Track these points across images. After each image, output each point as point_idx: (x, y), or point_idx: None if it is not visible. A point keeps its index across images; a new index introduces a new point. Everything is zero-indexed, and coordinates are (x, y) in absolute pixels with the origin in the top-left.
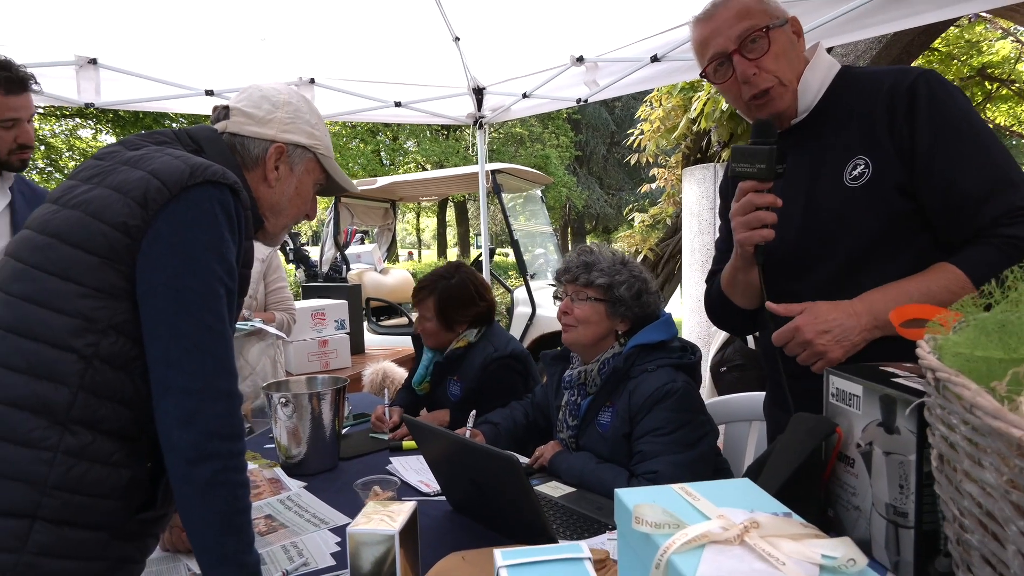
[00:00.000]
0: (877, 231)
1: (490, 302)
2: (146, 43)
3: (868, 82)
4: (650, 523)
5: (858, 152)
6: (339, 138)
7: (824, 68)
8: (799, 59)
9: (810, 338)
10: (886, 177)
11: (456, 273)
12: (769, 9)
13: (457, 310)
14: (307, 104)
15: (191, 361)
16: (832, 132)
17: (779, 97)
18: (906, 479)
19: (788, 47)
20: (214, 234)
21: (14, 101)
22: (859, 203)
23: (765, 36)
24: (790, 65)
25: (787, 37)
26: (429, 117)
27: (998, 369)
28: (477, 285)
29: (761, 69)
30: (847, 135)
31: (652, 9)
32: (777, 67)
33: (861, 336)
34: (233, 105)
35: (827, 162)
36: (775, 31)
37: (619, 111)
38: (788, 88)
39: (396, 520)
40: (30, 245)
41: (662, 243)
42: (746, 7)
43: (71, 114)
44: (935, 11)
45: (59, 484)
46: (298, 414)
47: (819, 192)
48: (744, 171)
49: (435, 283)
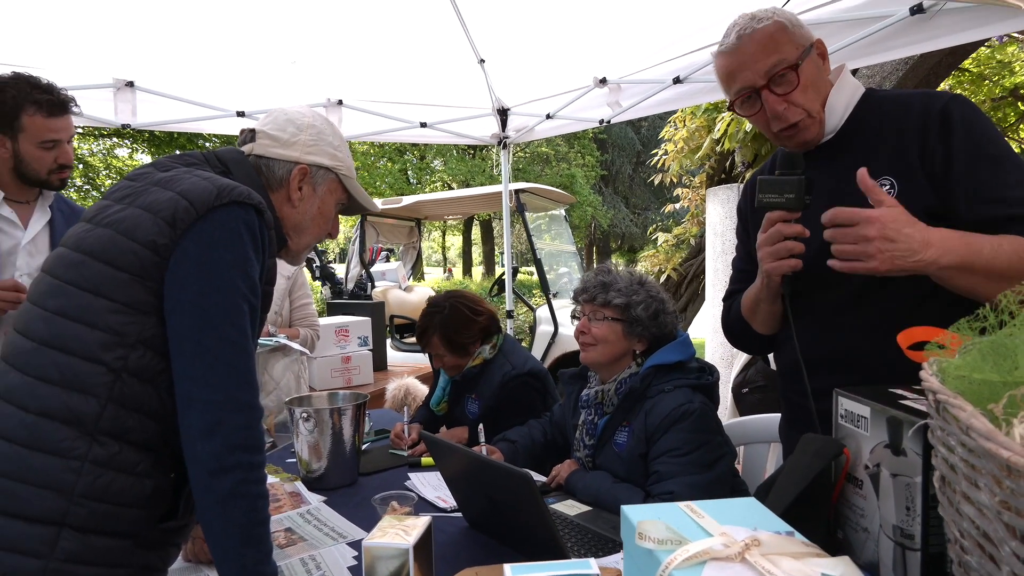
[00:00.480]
0: None
1: (488, 312)
2: (181, 66)
3: (893, 104)
4: (653, 539)
5: (884, 172)
6: (367, 157)
7: (849, 90)
8: (825, 84)
9: (874, 235)
10: (912, 197)
11: (446, 302)
12: (795, 37)
13: (461, 334)
14: (330, 127)
15: (214, 375)
16: (857, 153)
17: (807, 128)
18: (912, 501)
19: (815, 76)
20: (239, 253)
21: (55, 123)
22: None
23: (794, 71)
24: (818, 94)
25: (814, 65)
26: (454, 138)
27: (997, 392)
28: (469, 304)
29: (791, 103)
30: (872, 156)
31: (674, 31)
32: (806, 100)
33: (915, 264)
34: (259, 128)
35: (851, 181)
36: (803, 63)
37: (645, 130)
38: (816, 119)
39: (411, 534)
40: (65, 262)
41: (686, 263)
42: (772, 38)
43: (108, 134)
44: (959, 34)
45: (86, 493)
46: (319, 429)
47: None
48: (772, 201)
49: (431, 321)
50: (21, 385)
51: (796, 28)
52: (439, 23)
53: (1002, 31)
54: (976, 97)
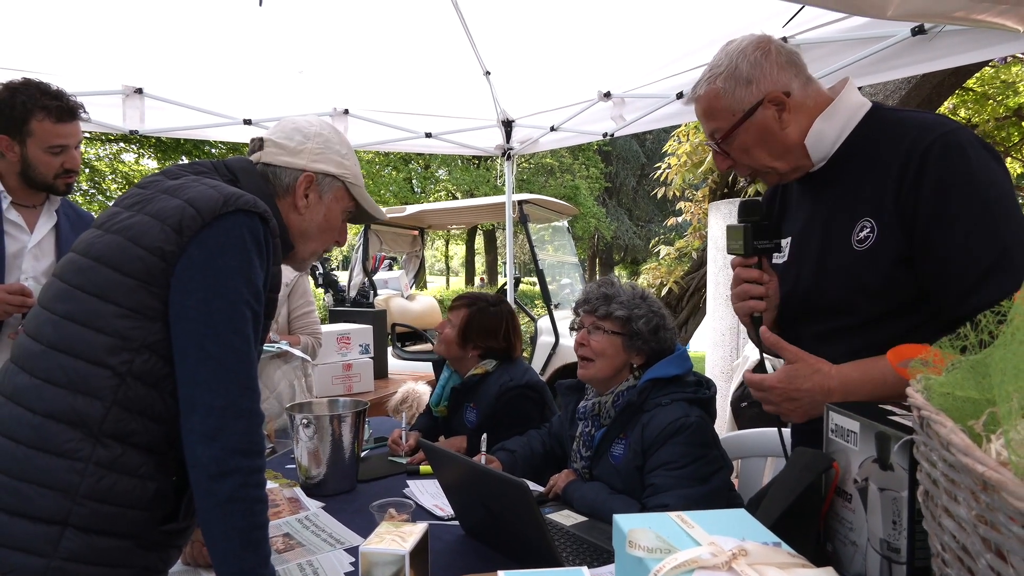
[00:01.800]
0: (882, 296)
1: (510, 345)
2: (189, 74)
3: (893, 130)
4: (644, 547)
5: (866, 213)
6: (372, 165)
7: (845, 114)
8: (782, 135)
9: (778, 400)
10: (888, 244)
11: (499, 305)
12: (732, 103)
13: (478, 334)
14: (337, 135)
15: (216, 380)
16: (848, 184)
17: (766, 177)
18: (899, 515)
19: (761, 134)
20: (243, 259)
21: (63, 129)
22: (865, 267)
23: (731, 135)
24: (769, 150)
25: (759, 123)
26: (459, 148)
27: (979, 409)
28: (510, 325)
29: (737, 162)
30: (859, 191)
31: (678, 48)
32: (751, 158)
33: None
34: (267, 137)
35: (837, 220)
36: (743, 126)
37: (650, 143)
38: (774, 169)
39: (407, 541)
40: (74, 267)
41: (687, 276)
42: (709, 108)
43: (115, 139)
44: (961, 55)
45: (89, 494)
46: (319, 435)
47: (830, 250)
48: (730, 247)
49: (476, 301)
50: (29, 387)
51: (739, 88)
52: (445, 35)
53: (1002, 53)
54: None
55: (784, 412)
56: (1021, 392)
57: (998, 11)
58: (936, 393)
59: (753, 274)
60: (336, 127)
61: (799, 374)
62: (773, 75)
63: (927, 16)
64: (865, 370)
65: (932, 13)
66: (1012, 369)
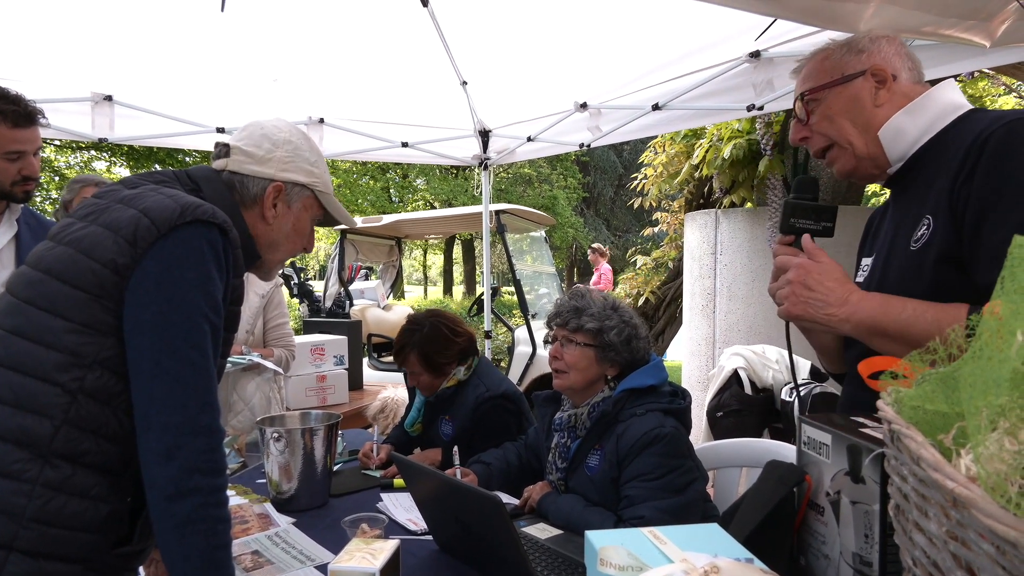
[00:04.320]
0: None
1: (467, 335)
2: (160, 81)
3: (972, 126)
4: (615, 565)
5: (926, 212)
6: (349, 174)
7: (933, 112)
8: (870, 113)
9: (792, 279)
10: (936, 242)
11: (426, 321)
12: (837, 65)
13: (440, 354)
14: (307, 141)
15: (173, 397)
16: (921, 186)
17: (836, 158)
18: (871, 529)
19: (852, 103)
20: (201, 271)
21: (20, 134)
22: (916, 268)
23: (821, 94)
24: (853, 120)
25: (854, 91)
26: (436, 158)
27: (950, 422)
28: (449, 325)
29: (813, 132)
30: (928, 192)
31: (654, 60)
32: (833, 127)
33: (825, 318)
34: (233, 144)
35: (905, 224)
36: (837, 89)
37: (627, 154)
38: (847, 150)
39: (378, 559)
40: (24, 280)
41: (664, 286)
42: (812, 69)
43: (86, 147)
44: (932, 68)
45: (36, 516)
46: (290, 449)
47: (892, 252)
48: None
49: (410, 338)
50: None
51: (849, 54)
52: (422, 44)
53: (970, 68)
54: None
55: (786, 296)
56: (990, 407)
57: (965, 27)
58: (906, 406)
59: (784, 251)
60: (306, 133)
61: (835, 271)
62: (887, 55)
63: (898, 31)
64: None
65: (902, 28)
66: (980, 384)
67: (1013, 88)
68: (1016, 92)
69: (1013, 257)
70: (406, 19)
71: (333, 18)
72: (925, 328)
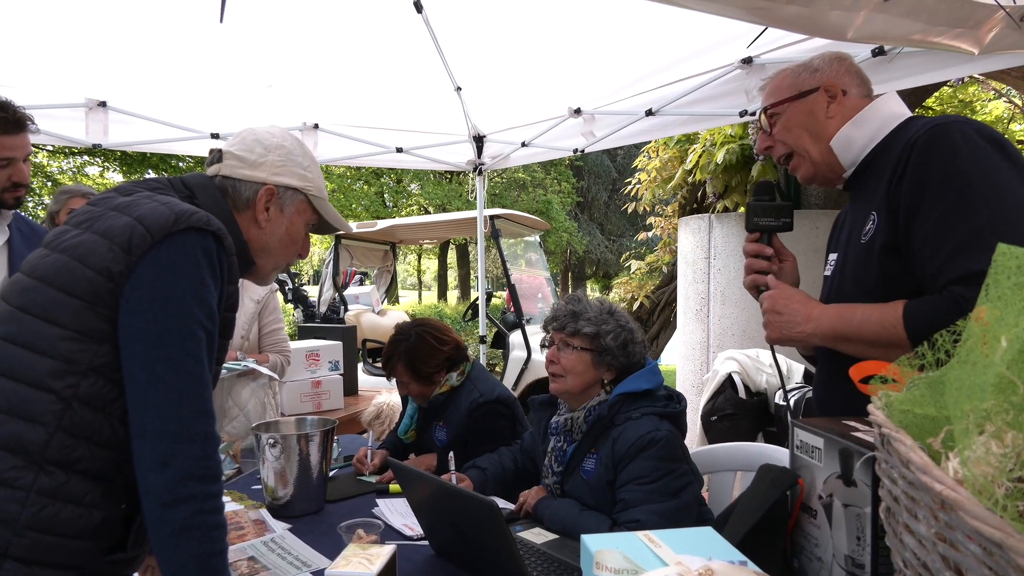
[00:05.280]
0: (879, 290)
1: (454, 341)
2: (155, 87)
3: (908, 132)
4: (611, 569)
5: (872, 209)
6: (343, 179)
7: (877, 121)
8: (823, 125)
9: (766, 308)
10: (879, 233)
11: (412, 331)
12: (794, 83)
13: (426, 363)
14: (300, 146)
15: (167, 404)
16: (870, 188)
17: (798, 166)
18: (863, 531)
19: (807, 116)
20: (195, 278)
21: (9, 141)
22: (865, 260)
23: (781, 108)
24: (808, 131)
25: (809, 105)
26: (430, 163)
27: (939, 426)
28: (435, 333)
29: (776, 141)
30: (874, 192)
31: (647, 66)
32: (791, 137)
33: (797, 335)
34: (226, 149)
35: (858, 220)
36: (795, 104)
37: (621, 159)
38: (804, 158)
39: (374, 564)
40: (18, 287)
41: (658, 291)
42: (774, 87)
43: (79, 152)
44: (919, 75)
45: (30, 524)
46: (286, 455)
47: (849, 247)
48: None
49: (396, 349)
50: None
51: (804, 73)
52: (416, 50)
53: (958, 75)
54: None
55: (765, 325)
56: (976, 411)
57: (953, 35)
58: (896, 410)
59: (753, 248)
60: (304, 142)
61: (793, 295)
62: (838, 73)
63: (886, 39)
64: (840, 308)
65: (891, 36)
66: (966, 388)
67: (1003, 93)
68: (1006, 97)
69: (997, 265)
70: (400, 25)
71: (328, 24)
72: (873, 329)
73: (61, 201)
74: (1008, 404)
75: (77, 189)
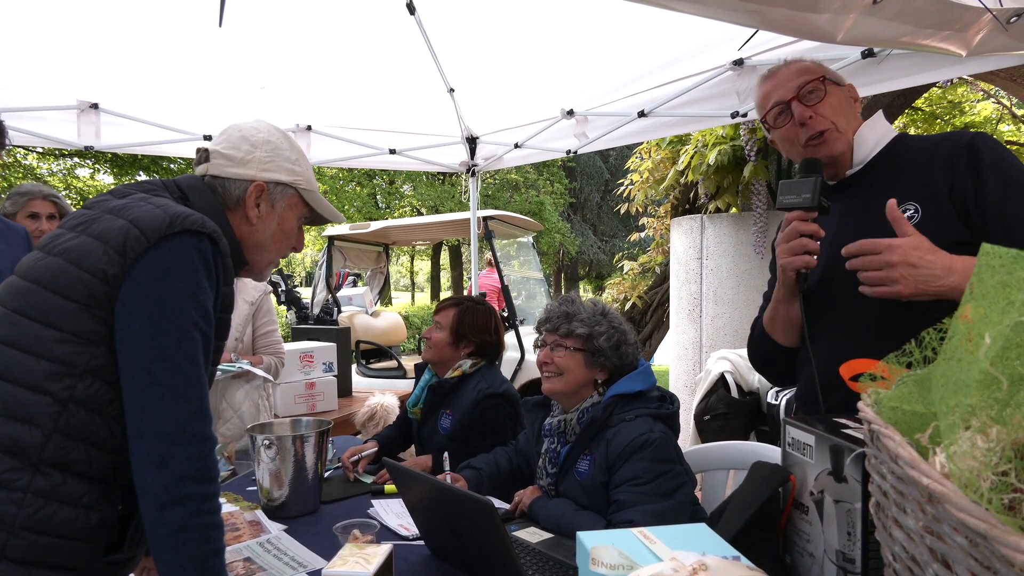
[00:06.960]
0: None
1: (500, 339)
2: (147, 89)
3: (923, 144)
4: (606, 564)
5: (909, 198)
6: (335, 181)
7: (881, 129)
8: (854, 118)
9: (896, 261)
10: (936, 224)
11: (483, 304)
12: (828, 72)
13: (472, 329)
14: (287, 140)
15: (164, 405)
16: (884, 184)
17: (834, 140)
18: (853, 526)
19: (844, 104)
20: (190, 280)
21: None
22: None
23: (822, 87)
24: (845, 118)
25: (844, 95)
26: (423, 164)
27: (927, 422)
28: (497, 322)
29: (817, 114)
30: (897, 186)
31: (639, 67)
32: (833, 114)
33: (938, 289)
34: (212, 148)
35: (876, 212)
36: (832, 85)
37: (613, 160)
38: (843, 135)
39: (371, 563)
40: (13, 290)
41: (651, 291)
42: (806, 67)
43: (70, 154)
44: (908, 77)
45: (27, 525)
46: (281, 456)
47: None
48: (791, 202)
49: (462, 301)
50: None
51: (831, 71)
52: (409, 52)
53: (947, 76)
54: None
55: (898, 278)
56: (961, 406)
57: (942, 37)
58: (885, 407)
59: (812, 227)
60: (288, 134)
61: (924, 243)
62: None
63: (875, 41)
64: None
65: (880, 38)
66: (952, 385)
67: (991, 94)
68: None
69: (980, 265)
70: (393, 27)
71: (320, 26)
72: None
73: (20, 203)
74: (992, 400)
75: (37, 190)
